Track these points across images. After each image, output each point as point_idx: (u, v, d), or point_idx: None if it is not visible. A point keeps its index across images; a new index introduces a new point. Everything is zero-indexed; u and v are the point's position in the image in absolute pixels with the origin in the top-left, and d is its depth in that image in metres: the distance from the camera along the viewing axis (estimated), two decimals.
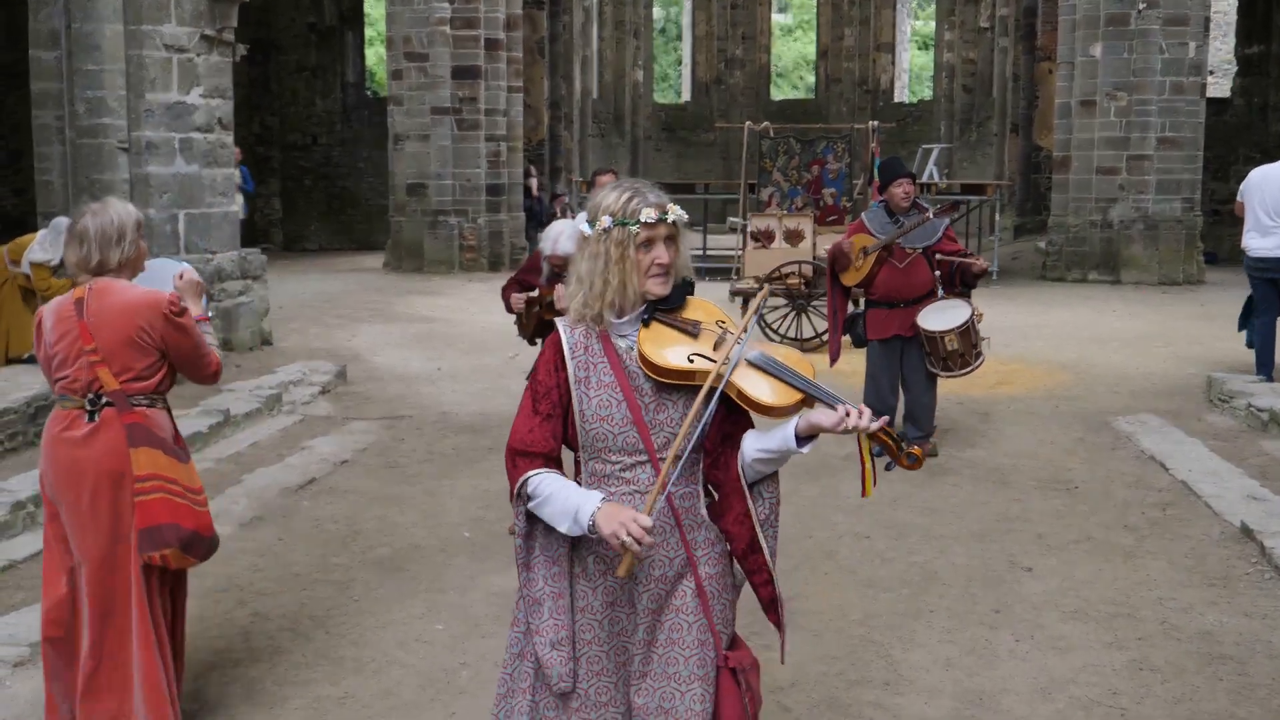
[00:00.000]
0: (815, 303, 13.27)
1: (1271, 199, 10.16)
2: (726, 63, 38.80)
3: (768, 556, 3.12)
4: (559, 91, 27.07)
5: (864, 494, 3.16)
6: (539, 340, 6.88)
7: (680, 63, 44.10)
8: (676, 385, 3.04)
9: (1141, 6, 18.60)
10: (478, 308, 16.28)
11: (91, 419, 4.18)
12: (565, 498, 2.97)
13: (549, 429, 3.06)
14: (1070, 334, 14.05)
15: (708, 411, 3.00)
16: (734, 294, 14.04)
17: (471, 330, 14.39)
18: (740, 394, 3.02)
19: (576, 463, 3.13)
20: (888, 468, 3.79)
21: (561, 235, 6.41)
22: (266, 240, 24.90)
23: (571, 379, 3.04)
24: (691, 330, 3.07)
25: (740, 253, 16.09)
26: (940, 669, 5.02)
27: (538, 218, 22.32)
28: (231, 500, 7.38)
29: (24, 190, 12.76)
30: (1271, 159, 11.37)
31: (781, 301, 13.47)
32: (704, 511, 3.15)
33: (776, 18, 44.50)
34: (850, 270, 8.38)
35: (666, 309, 3.08)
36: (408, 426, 9.57)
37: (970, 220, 21.53)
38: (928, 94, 39.27)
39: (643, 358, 3.02)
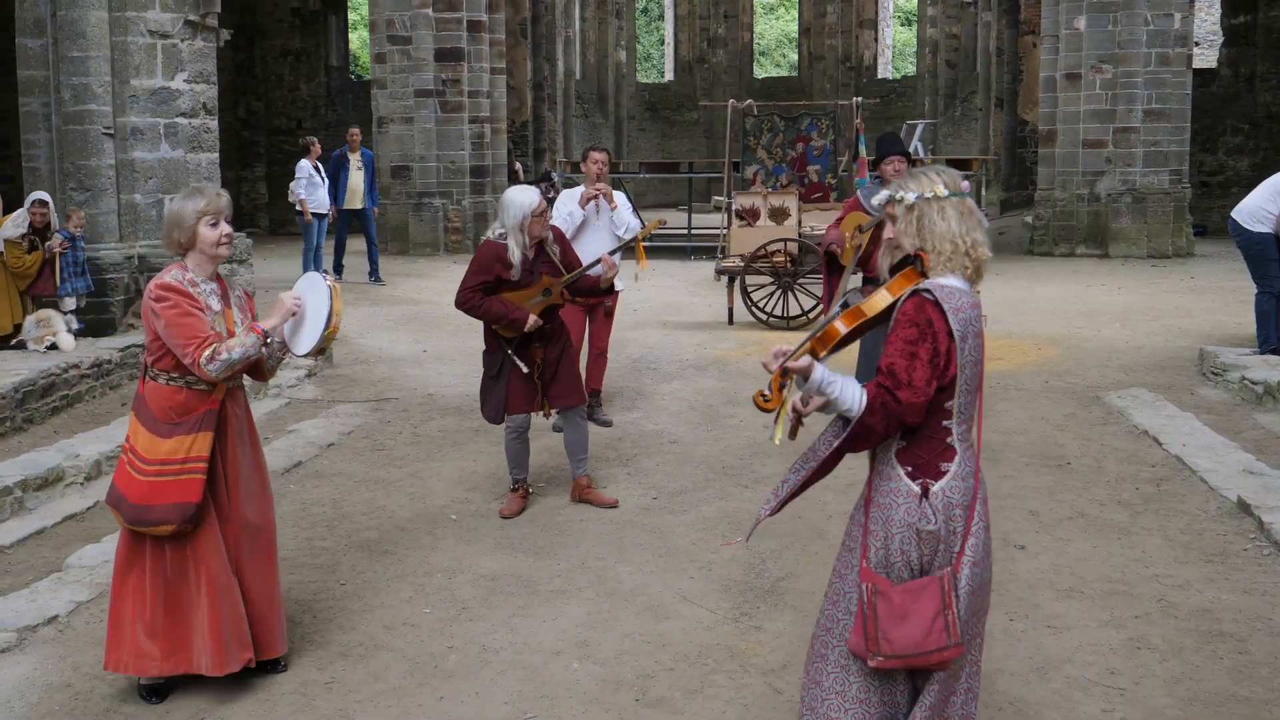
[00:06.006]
0: (801, 280, 13.22)
1: None
2: (709, 41, 38.65)
3: None
4: (542, 73, 26.96)
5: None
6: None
7: (663, 42, 43.95)
8: None
9: None
10: None
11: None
12: None
13: None
14: (1059, 309, 14.00)
15: None
16: (719, 273, 13.94)
17: (457, 312, 14.23)
18: None
19: None
20: None
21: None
22: (254, 225, 24.78)
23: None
24: None
25: (725, 231, 16.01)
26: None
27: None
28: None
29: (12, 177, 12.73)
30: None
31: (767, 280, 13.40)
32: None
33: None
34: (847, 249, 8.34)
35: None
36: (394, 409, 9.49)
37: None
38: (911, 70, 39.14)
39: None
